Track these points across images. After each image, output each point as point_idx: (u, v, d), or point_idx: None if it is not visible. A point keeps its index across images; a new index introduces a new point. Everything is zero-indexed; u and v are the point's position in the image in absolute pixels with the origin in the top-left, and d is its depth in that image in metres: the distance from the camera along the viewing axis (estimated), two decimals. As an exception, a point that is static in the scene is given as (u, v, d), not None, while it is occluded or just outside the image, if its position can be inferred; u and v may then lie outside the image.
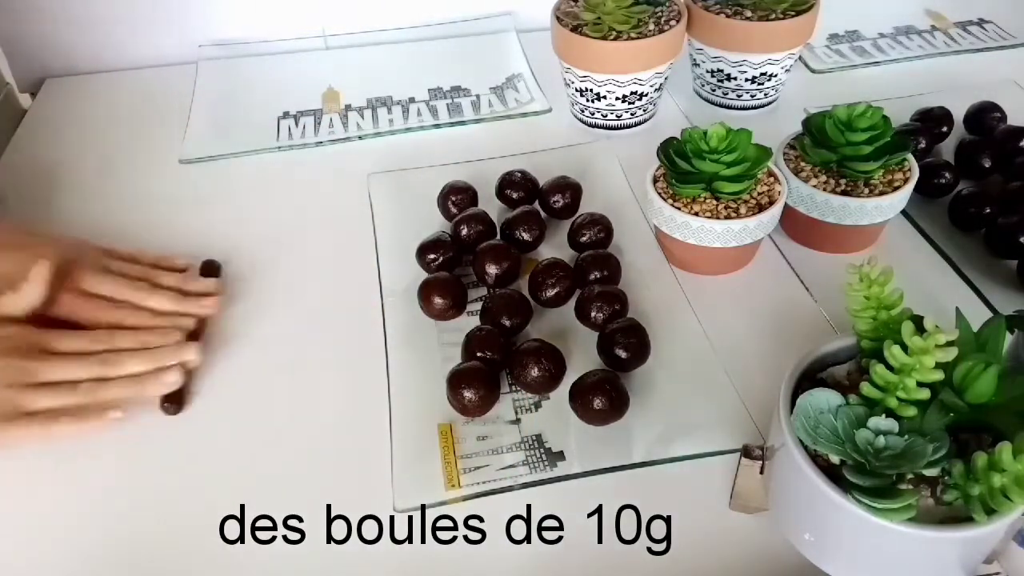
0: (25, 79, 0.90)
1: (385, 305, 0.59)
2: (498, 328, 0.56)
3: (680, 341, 0.56)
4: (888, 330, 0.40)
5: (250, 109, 0.83)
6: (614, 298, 0.57)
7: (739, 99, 0.78)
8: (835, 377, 0.42)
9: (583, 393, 0.50)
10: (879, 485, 0.36)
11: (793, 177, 0.61)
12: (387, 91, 0.85)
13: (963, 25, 0.93)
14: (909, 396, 0.37)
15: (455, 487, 0.48)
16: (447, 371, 0.53)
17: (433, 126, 0.80)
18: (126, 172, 0.76)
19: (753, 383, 0.52)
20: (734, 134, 0.58)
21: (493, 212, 0.66)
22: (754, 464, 0.44)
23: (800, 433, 0.38)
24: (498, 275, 0.60)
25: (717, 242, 0.58)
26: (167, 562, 0.46)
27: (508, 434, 0.52)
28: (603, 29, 0.70)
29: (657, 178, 0.62)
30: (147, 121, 0.82)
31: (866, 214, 0.59)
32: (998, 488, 0.35)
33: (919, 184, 0.61)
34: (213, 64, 0.88)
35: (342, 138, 0.79)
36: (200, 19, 0.90)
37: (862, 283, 0.41)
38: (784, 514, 0.42)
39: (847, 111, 0.59)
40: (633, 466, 0.49)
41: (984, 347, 0.39)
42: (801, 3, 0.73)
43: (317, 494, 0.49)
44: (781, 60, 0.75)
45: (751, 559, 0.45)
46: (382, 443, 0.50)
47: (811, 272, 0.62)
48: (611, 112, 0.75)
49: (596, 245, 0.63)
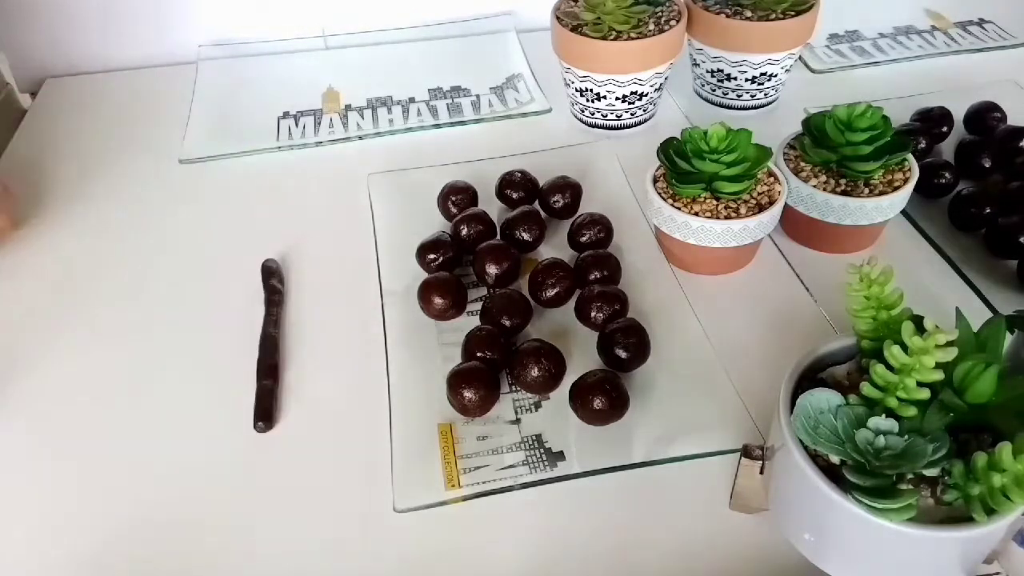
0: (25, 79, 0.90)
1: (385, 305, 0.59)
2: (498, 328, 0.56)
3: (680, 341, 0.56)
4: (888, 330, 0.40)
5: (250, 109, 0.83)
6: (614, 298, 0.57)
7: (739, 99, 0.78)
8: (835, 377, 0.42)
9: (583, 393, 0.50)
10: (879, 485, 0.36)
11: (793, 177, 0.61)
12: (387, 91, 0.85)
13: (963, 25, 0.93)
14: (909, 396, 0.37)
15: (455, 487, 0.48)
16: (447, 371, 0.53)
17: (433, 126, 0.80)
18: (126, 172, 0.76)
19: (753, 383, 0.52)
20: (734, 134, 0.58)
21: (493, 212, 0.66)
22: (754, 464, 0.44)
23: (800, 433, 0.38)
24: (498, 275, 0.60)
25: (717, 242, 0.58)
26: (165, 562, 0.46)
27: (508, 434, 0.52)
28: (603, 29, 0.70)
29: (657, 178, 0.62)
30: (147, 121, 0.82)
31: (866, 214, 0.59)
32: (998, 488, 0.35)
33: (919, 184, 0.61)
34: (213, 64, 0.88)
35: (342, 138, 0.79)
36: (200, 19, 0.90)
37: (862, 283, 0.41)
38: (784, 514, 0.42)
39: (847, 111, 0.59)
40: (633, 466, 0.49)
41: (984, 347, 0.39)
42: (801, 3, 0.73)
43: (317, 494, 0.49)
44: (781, 60, 0.75)
45: (751, 559, 0.45)
46: (382, 443, 0.50)
47: (811, 272, 0.62)
48: (611, 112, 0.75)
49: (596, 245, 0.63)
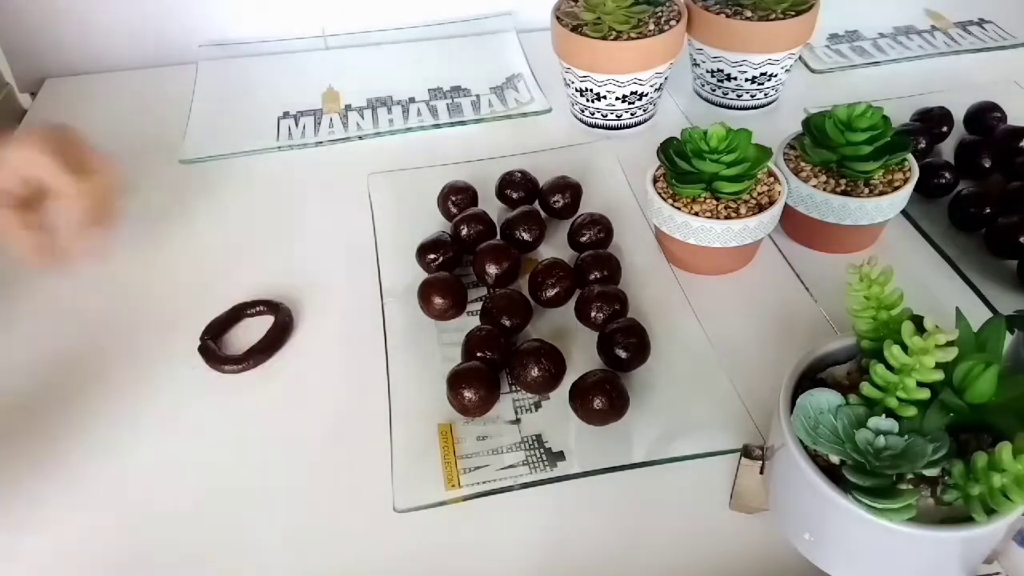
0: (25, 79, 0.90)
1: (385, 305, 0.59)
2: (498, 328, 0.56)
3: (680, 341, 0.56)
4: (888, 330, 0.40)
5: (250, 109, 0.83)
6: (614, 298, 0.57)
7: (739, 99, 0.78)
8: (835, 377, 0.42)
9: (583, 393, 0.50)
10: (879, 485, 0.36)
11: (793, 177, 0.61)
12: (387, 91, 0.85)
13: (963, 25, 0.93)
14: (909, 396, 0.37)
15: (455, 487, 0.48)
16: (447, 371, 0.53)
17: (433, 126, 0.80)
18: (126, 172, 0.75)
19: (753, 383, 0.52)
20: (734, 134, 0.58)
21: (493, 212, 0.66)
22: (754, 464, 0.44)
23: (800, 433, 0.38)
24: (498, 275, 0.60)
25: (717, 242, 0.58)
26: (164, 561, 0.46)
27: (508, 434, 0.52)
28: (603, 29, 0.70)
29: (657, 178, 0.62)
30: (147, 121, 0.82)
31: (866, 214, 0.59)
32: (998, 488, 0.35)
33: (919, 184, 0.61)
34: (213, 64, 0.88)
35: (342, 138, 0.79)
36: (200, 19, 0.90)
37: (862, 283, 0.41)
38: (784, 514, 0.42)
39: (847, 111, 0.59)
40: (633, 466, 0.49)
41: (984, 347, 0.39)
42: (801, 3, 0.73)
43: (317, 494, 0.49)
44: (781, 60, 0.75)
45: (751, 559, 0.45)
46: (382, 443, 0.50)
47: (811, 272, 0.62)
48: (611, 112, 0.75)
49: (596, 245, 0.63)
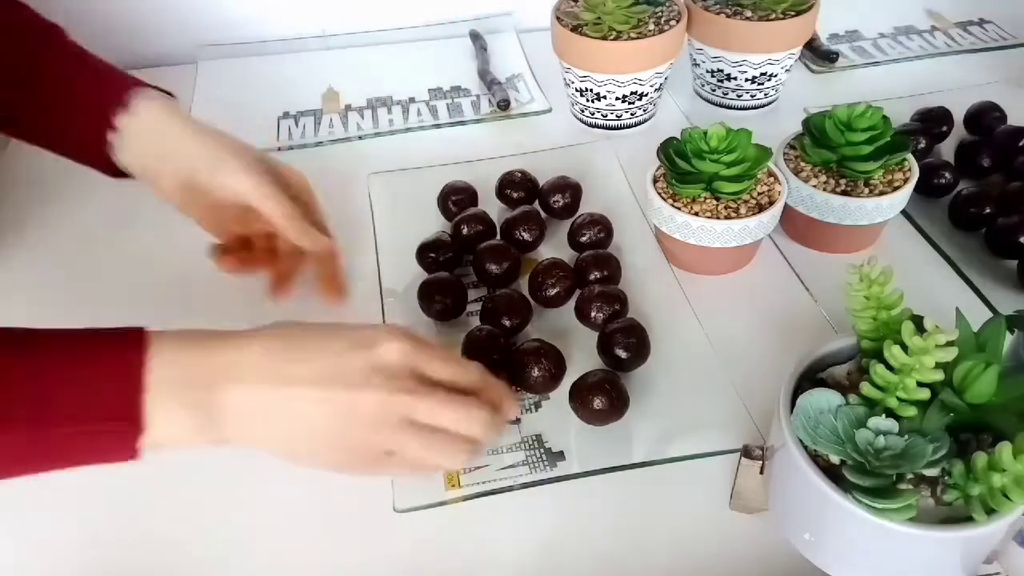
0: (25, 79, 0.90)
1: (385, 305, 0.59)
2: (498, 328, 0.56)
3: (680, 341, 0.56)
4: (888, 330, 0.40)
5: (250, 109, 0.83)
6: (614, 298, 0.57)
7: (739, 99, 0.78)
8: (835, 377, 0.42)
9: (583, 393, 0.50)
10: (879, 485, 0.36)
11: (793, 177, 0.61)
12: (387, 91, 0.85)
13: (963, 25, 0.93)
14: (909, 396, 0.37)
15: (455, 487, 0.48)
16: (447, 371, 0.53)
17: (433, 126, 0.80)
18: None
19: (753, 383, 0.52)
20: (734, 134, 0.58)
21: (493, 212, 0.66)
22: (754, 464, 0.44)
23: (800, 433, 0.38)
24: (498, 275, 0.60)
25: (717, 242, 0.58)
26: (164, 561, 0.46)
27: (508, 434, 0.51)
28: (603, 29, 0.70)
29: (657, 178, 0.62)
30: (147, 121, 0.82)
31: (866, 214, 0.59)
32: (998, 488, 0.35)
33: (919, 184, 0.61)
34: (213, 64, 0.88)
35: (342, 138, 0.79)
36: (200, 19, 0.90)
37: (862, 283, 0.41)
38: (784, 514, 0.42)
39: (847, 111, 0.59)
40: (633, 466, 0.49)
41: (984, 347, 0.39)
42: (801, 3, 0.73)
43: (317, 494, 0.49)
44: (781, 60, 0.75)
45: (751, 559, 0.45)
46: (382, 443, 0.50)
47: (811, 272, 0.62)
48: (611, 112, 0.75)
49: (596, 245, 0.63)
